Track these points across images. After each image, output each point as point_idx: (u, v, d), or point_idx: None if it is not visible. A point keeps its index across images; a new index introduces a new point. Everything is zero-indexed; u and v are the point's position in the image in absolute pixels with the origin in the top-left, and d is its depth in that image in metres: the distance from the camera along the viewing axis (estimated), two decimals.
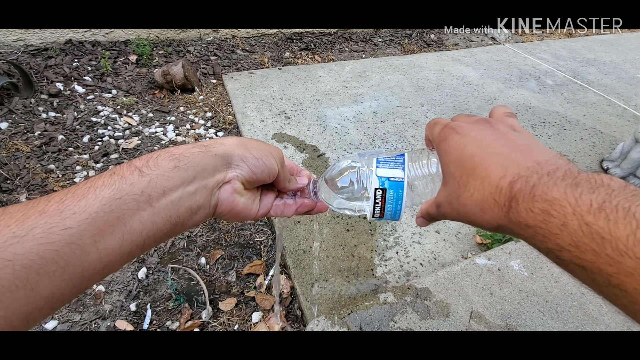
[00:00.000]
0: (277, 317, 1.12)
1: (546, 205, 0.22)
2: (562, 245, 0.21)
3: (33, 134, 1.65)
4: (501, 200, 0.25)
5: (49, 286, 0.23)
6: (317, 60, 2.71)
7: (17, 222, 0.23)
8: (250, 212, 0.36)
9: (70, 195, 0.25)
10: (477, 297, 1.12)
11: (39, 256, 0.22)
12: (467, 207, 0.28)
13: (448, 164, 0.30)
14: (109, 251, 0.25)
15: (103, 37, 2.35)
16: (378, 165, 0.38)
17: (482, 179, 0.27)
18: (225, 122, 1.94)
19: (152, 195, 0.27)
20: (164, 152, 0.30)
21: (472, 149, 0.29)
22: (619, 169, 1.84)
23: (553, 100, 2.48)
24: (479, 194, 0.27)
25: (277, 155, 0.37)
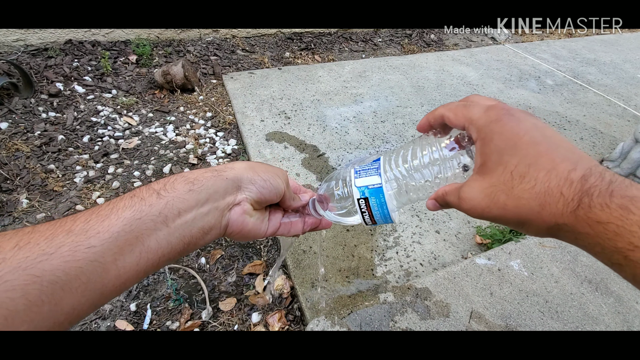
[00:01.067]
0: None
1: (626, 202, 0.21)
2: (636, 244, 0.21)
3: (33, 134, 1.65)
4: (569, 194, 0.24)
5: (71, 302, 0.24)
6: (317, 60, 2.71)
7: (47, 240, 0.24)
8: (260, 231, 0.38)
9: (95, 216, 0.27)
10: (477, 297, 1.12)
11: (65, 273, 0.23)
12: (522, 200, 0.26)
13: (500, 150, 0.27)
14: (127, 269, 0.27)
15: (103, 37, 2.35)
16: (356, 175, 0.38)
17: (548, 171, 0.25)
18: (225, 122, 1.94)
19: (169, 216, 0.29)
20: (179, 177, 0.32)
21: (535, 136, 0.26)
22: (619, 169, 1.84)
23: (553, 100, 2.48)
24: (542, 186, 0.25)
25: (283, 176, 0.39)
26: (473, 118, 0.29)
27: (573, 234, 0.24)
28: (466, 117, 0.30)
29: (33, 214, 1.34)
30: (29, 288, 0.22)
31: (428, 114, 0.34)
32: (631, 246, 0.21)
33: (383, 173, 0.37)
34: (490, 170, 0.28)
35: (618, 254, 0.22)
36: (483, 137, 0.28)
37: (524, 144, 0.26)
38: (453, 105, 0.32)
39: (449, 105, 0.32)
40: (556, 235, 0.26)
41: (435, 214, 1.50)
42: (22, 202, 1.37)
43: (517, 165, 0.26)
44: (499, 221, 0.28)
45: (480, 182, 0.28)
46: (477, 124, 0.29)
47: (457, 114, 0.31)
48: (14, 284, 0.22)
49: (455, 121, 0.31)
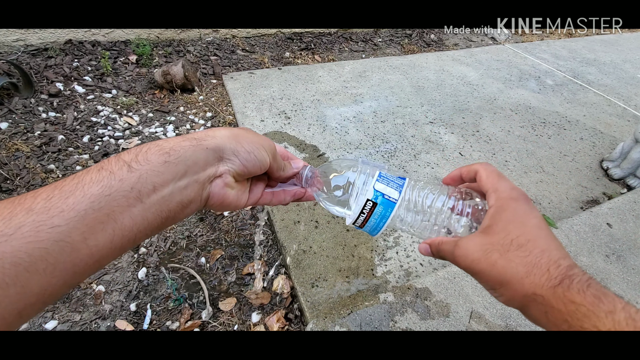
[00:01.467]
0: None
1: (599, 294, 0.26)
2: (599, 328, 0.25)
3: (33, 134, 1.65)
4: (554, 273, 0.28)
5: (40, 283, 0.23)
6: (317, 60, 2.71)
7: (4, 220, 0.22)
8: (240, 202, 0.37)
9: (58, 192, 0.25)
10: (477, 297, 1.12)
11: (28, 254, 0.22)
12: (512, 262, 0.29)
13: (509, 221, 0.32)
14: (99, 247, 0.25)
15: (103, 37, 2.35)
16: (379, 179, 0.39)
17: (543, 251, 0.29)
18: (225, 122, 1.94)
19: (142, 191, 0.27)
20: (153, 146, 0.29)
21: (540, 223, 0.31)
22: (619, 169, 1.84)
23: (553, 100, 2.48)
24: (534, 258, 0.29)
25: (269, 147, 0.36)
26: (500, 189, 0.34)
27: (544, 308, 0.28)
28: (494, 185, 0.35)
29: None
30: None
31: (462, 167, 0.38)
32: (595, 329, 0.25)
33: (404, 193, 0.38)
34: (493, 232, 0.32)
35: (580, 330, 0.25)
36: (499, 206, 0.33)
37: (530, 225, 0.31)
38: (490, 169, 0.36)
39: (488, 167, 0.37)
40: (527, 305, 0.29)
41: None
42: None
43: (519, 236, 0.30)
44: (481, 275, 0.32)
45: (481, 239, 0.32)
46: (500, 194, 0.34)
47: (489, 178, 0.35)
48: None
49: (484, 182, 0.36)
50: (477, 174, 0.36)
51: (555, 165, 1.88)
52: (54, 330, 1.05)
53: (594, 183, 1.81)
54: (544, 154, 1.96)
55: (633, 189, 1.77)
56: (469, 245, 0.32)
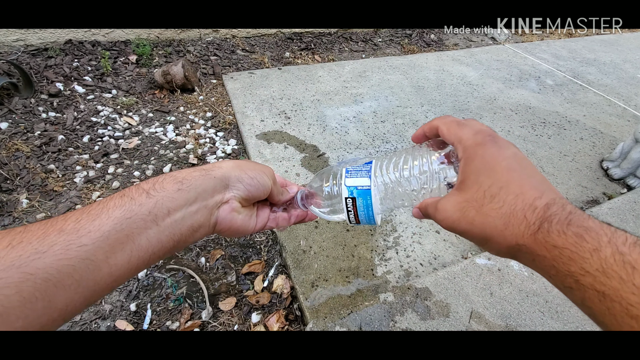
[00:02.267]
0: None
1: (581, 231, 0.24)
2: (587, 269, 0.23)
3: (33, 134, 1.65)
4: (532, 218, 0.26)
5: (64, 298, 0.25)
6: (317, 60, 2.71)
7: (39, 239, 0.25)
8: (249, 227, 0.39)
9: (86, 215, 0.27)
10: (477, 297, 1.12)
11: (58, 270, 0.24)
12: (488, 217, 0.28)
13: (479, 171, 0.30)
14: (118, 266, 0.28)
15: (103, 37, 2.35)
16: (347, 175, 0.39)
17: (517, 195, 0.27)
18: (225, 122, 1.94)
19: (158, 215, 0.30)
20: (168, 176, 0.33)
21: (511, 164, 0.29)
22: (619, 169, 1.84)
23: (553, 100, 2.48)
24: (509, 208, 0.27)
25: (269, 173, 0.40)
26: (462, 138, 0.32)
27: (531, 256, 0.26)
28: (457, 136, 0.32)
29: (33, 214, 1.34)
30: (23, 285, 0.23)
31: (424, 124, 0.36)
32: (582, 271, 0.23)
33: (373, 176, 0.38)
34: (466, 188, 0.30)
35: (570, 277, 0.24)
36: (466, 157, 0.31)
37: (500, 169, 0.29)
38: (448, 120, 0.34)
39: (445, 119, 0.35)
40: (515, 255, 0.28)
41: None
42: (22, 202, 1.37)
43: (490, 186, 0.29)
44: (466, 235, 0.31)
45: (456, 197, 0.31)
46: (465, 144, 0.31)
47: (450, 130, 0.33)
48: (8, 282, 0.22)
49: (447, 136, 0.34)
50: (439, 130, 0.35)
51: (555, 165, 1.88)
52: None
53: (594, 183, 1.81)
54: (544, 154, 1.96)
55: (633, 189, 1.77)
56: (447, 206, 0.32)
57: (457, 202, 0.31)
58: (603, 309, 0.22)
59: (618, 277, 0.21)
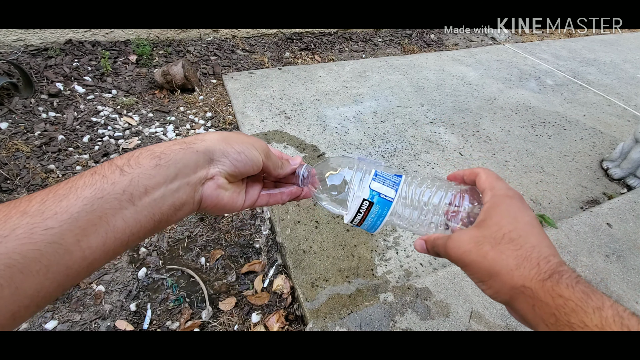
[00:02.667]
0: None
1: (588, 290, 0.27)
2: (586, 323, 0.25)
3: (33, 134, 1.65)
4: (544, 267, 0.29)
5: (34, 284, 0.23)
6: (317, 60, 2.71)
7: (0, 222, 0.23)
8: (236, 204, 0.37)
9: (52, 195, 0.25)
10: (477, 297, 1.12)
11: (22, 255, 0.22)
12: (503, 255, 0.30)
13: (502, 215, 0.32)
14: (92, 250, 0.26)
15: (103, 37, 2.35)
16: (374, 178, 0.38)
17: (534, 246, 0.30)
18: (225, 122, 1.94)
19: (134, 194, 0.28)
20: (145, 151, 0.30)
21: (533, 221, 0.32)
22: (619, 169, 1.84)
23: (553, 100, 2.48)
24: (525, 252, 0.30)
25: (261, 147, 0.36)
26: (496, 187, 0.35)
27: (532, 301, 0.28)
28: (491, 184, 0.36)
29: None
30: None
31: (466, 169, 0.40)
32: (582, 324, 0.25)
33: (400, 191, 0.38)
34: (487, 226, 0.32)
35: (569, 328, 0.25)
36: (494, 202, 0.34)
37: (523, 222, 0.32)
38: (490, 172, 0.38)
39: (488, 170, 0.38)
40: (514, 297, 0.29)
41: None
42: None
43: (511, 231, 0.31)
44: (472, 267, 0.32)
45: (474, 232, 0.33)
46: (496, 192, 0.35)
47: (488, 179, 0.37)
48: None
49: (483, 182, 0.37)
50: (478, 176, 0.38)
51: (555, 165, 1.88)
52: (54, 330, 1.05)
53: (594, 183, 1.81)
54: (544, 154, 1.96)
55: (633, 189, 1.77)
56: (462, 237, 0.33)
57: (474, 235, 0.32)
58: None
59: None
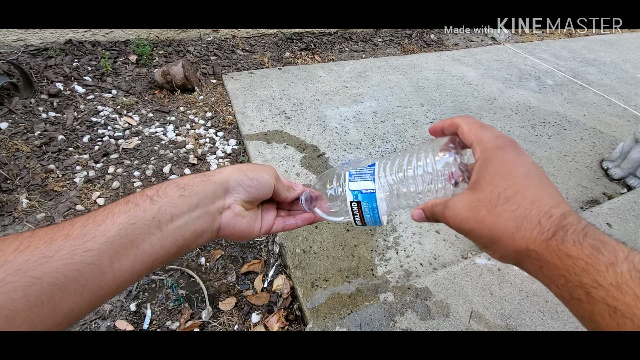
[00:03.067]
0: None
1: (598, 244, 0.24)
2: (600, 282, 0.22)
3: (33, 134, 1.65)
4: (546, 225, 0.26)
5: (70, 303, 0.25)
6: (317, 60, 2.71)
7: (46, 243, 0.25)
8: (253, 231, 0.39)
9: (92, 221, 0.28)
10: (477, 297, 1.12)
11: (64, 275, 0.24)
12: (500, 218, 0.28)
13: (496, 172, 0.29)
14: (122, 271, 0.28)
15: (103, 37, 2.35)
16: (350, 179, 0.39)
17: (533, 202, 0.27)
18: (225, 122, 1.94)
19: (162, 220, 0.31)
20: (171, 183, 0.34)
21: (530, 171, 0.29)
22: (619, 169, 1.84)
23: (553, 100, 2.48)
24: (523, 211, 0.27)
25: (271, 171, 0.40)
26: (483, 139, 0.31)
27: (539, 263, 0.26)
28: (477, 136, 0.32)
29: (33, 214, 1.34)
30: (30, 289, 0.23)
31: (445, 119, 0.36)
32: (595, 284, 0.22)
33: (377, 179, 0.38)
34: (480, 188, 0.30)
35: (581, 289, 0.23)
36: (484, 158, 0.31)
37: (518, 174, 0.29)
38: (471, 120, 0.33)
39: (468, 118, 0.34)
40: (521, 261, 0.28)
41: None
42: (22, 202, 1.37)
43: (507, 188, 0.28)
44: (472, 234, 0.30)
45: (468, 196, 0.31)
46: (485, 145, 0.31)
47: (471, 130, 0.33)
48: (16, 286, 0.22)
49: (467, 135, 0.33)
50: (459, 128, 0.34)
51: (555, 165, 1.88)
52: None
53: (594, 183, 1.81)
54: (544, 154, 1.96)
55: (633, 189, 1.77)
56: (458, 204, 0.31)
57: (469, 200, 0.30)
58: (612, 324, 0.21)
59: (633, 294, 0.21)
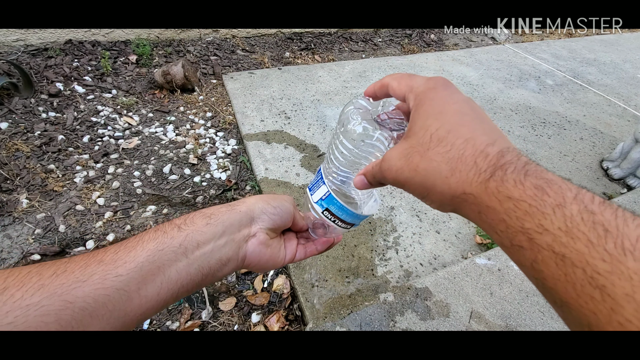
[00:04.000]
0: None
1: (542, 183, 0.21)
2: (545, 227, 0.19)
3: (33, 134, 1.65)
4: (483, 165, 0.23)
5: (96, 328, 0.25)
6: (317, 60, 2.71)
7: (81, 268, 0.26)
8: (277, 260, 0.40)
9: (123, 248, 0.29)
10: (477, 297, 1.12)
11: (94, 300, 0.25)
12: (433, 162, 0.25)
13: (427, 114, 0.27)
14: (148, 298, 0.28)
15: (103, 37, 2.35)
16: (310, 192, 0.41)
17: (467, 140, 0.24)
18: (225, 122, 1.94)
19: (188, 247, 0.31)
20: (198, 213, 0.35)
21: (462, 107, 0.27)
22: (619, 169, 1.84)
23: (553, 100, 2.48)
24: (457, 152, 0.24)
25: (290, 200, 0.41)
26: (414, 86, 0.30)
27: (477, 207, 0.23)
28: (408, 85, 0.30)
29: (33, 214, 1.34)
30: (62, 313, 0.23)
31: (375, 82, 0.34)
32: (540, 228, 0.19)
33: (327, 180, 0.39)
34: (413, 134, 0.27)
35: (523, 234, 0.20)
36: (417, 104, 0.28)
37: (450, 112, 0.26)
38: (398, 75, 0.32)
39: (395, 74, 0.32)
40: (459, 207, 0.25)
41: (436, 214, 1.50)
42: (22, 202, 1.37)
43: (438, 129, 0.26)
44: (408, 185, 0.28)
45: (402, 144, 0.28)
46: (416, 91, 0.29)
47: (401, 83, 0.31)
48: (49, 309, 0.23)
49: (397, 90, 0.31)
50: (389, 87, 0.32)
51: (555, 165, 1.88)
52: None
53: (594, 183, 1.81)
54: (544, 154, 1.96)
55: (633, 189, 1.77)
56: (392, 154, 0.29)
57: (403, 148, 0.28)
58: (559, 274, 0.19)
59: (586, 240, 0.18)
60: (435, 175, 0.25)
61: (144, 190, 1.51)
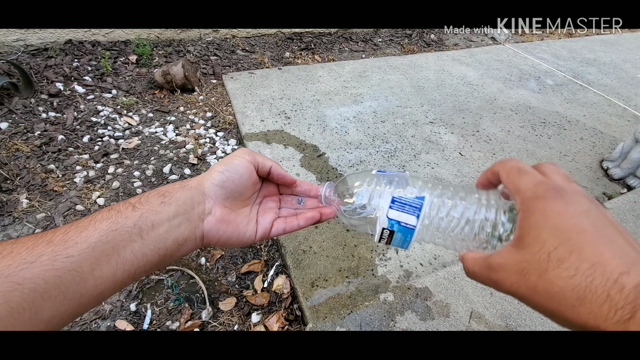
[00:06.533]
0: None
1: None
2: None
3: (33, 134, 1.65)
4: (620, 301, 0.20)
5: (51, 310, 0.25)
6: (317, 60, 2.71)
7: (28, 249, 0.25)
8: (244, 236, 0.37)
9: (74, 228, 0.28)
10: (477, 297, 1.12)
11: (44, 281, 0.24)
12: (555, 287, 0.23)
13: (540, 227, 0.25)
14: (104, 279, 0.28)
15: (103, 37, 2.35)
16: (392, 205, 0.35)
17: (594, 265, 0.22)
18: (225, 122, 1.94)
19: (143, 228, 0.30)
20: (154, 191, 0.33)
21: (583, 224, 0.23)
22: (619, 169, 1.84)
23: (553, 100, 2.48)
24: (583, 279, 0.22)
25: (242, 152, 0.37)
26: (521, 189, 0.27)
27: None
28: (515, 185, 0.28)
29: (33, 214, 1.34)
30: (11, 295, 0.23)
31: (487, 170, 0.32)
32: None
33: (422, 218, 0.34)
34: (526, 246, 0.25)
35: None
36: (524, 210, 0.26)
37: (567, 228, 0.23)
38: (508, 166, 0.30)
39: (506, 163, 0.30)
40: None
41: None
42: (22, 202, 1.37)
43: (557, 247, 0.23)
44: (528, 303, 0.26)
45: (513, 255, 0.26)
46: (524, 195, 0.27)
47: (509, 178, 0.29)
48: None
49: (505, 184, 0.30)
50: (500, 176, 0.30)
51: None
52: None
53: (594, 183, 1.81)
54: (544, 154, 1.96)
55: (633, 189, 1.77)
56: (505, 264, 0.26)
57: (516, 261, 0.25)
58: None
59: None
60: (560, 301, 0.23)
61: (144, 190, 1.51)
